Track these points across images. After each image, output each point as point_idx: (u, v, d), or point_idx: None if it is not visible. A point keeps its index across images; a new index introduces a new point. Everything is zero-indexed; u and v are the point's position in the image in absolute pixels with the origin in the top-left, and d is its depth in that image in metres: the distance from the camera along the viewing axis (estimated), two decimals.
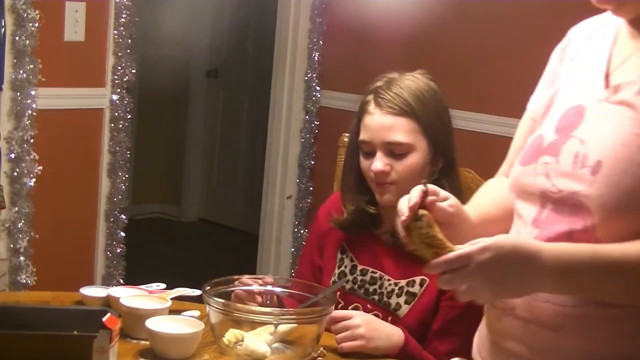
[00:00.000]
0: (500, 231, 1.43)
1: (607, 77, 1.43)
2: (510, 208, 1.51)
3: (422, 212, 1.37)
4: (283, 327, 1.68)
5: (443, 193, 1.47)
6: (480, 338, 1.59)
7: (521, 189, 1.48)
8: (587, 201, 1.34)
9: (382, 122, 1.89)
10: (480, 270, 1.28)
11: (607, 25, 1.51)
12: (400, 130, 1.87)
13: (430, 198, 1.43)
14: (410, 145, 1.88)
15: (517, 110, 1.73)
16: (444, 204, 1.46)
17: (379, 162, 1.88)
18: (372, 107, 1.91)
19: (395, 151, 1.88)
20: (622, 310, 1.34)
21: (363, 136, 1.92)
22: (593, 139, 1.38)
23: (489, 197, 1.64)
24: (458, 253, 1.30)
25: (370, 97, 1.93)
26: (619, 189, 1.32)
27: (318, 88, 4.03)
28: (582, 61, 1.50)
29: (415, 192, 1.41)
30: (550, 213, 1.41)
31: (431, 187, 1.44)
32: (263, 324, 1.65)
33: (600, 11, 1.54)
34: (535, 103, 1.62)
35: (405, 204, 1.40)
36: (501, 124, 3.19)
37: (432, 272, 1.33)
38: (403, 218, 1.38)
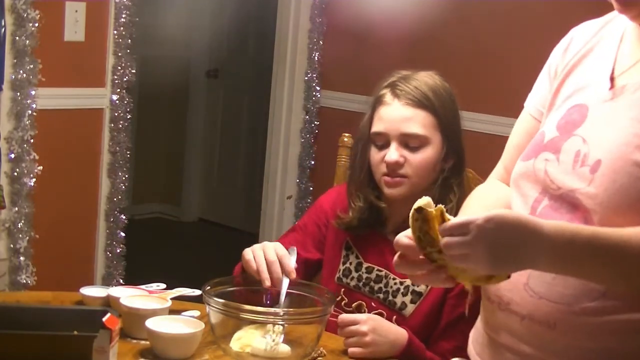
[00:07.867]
0: None
1: (612, 79, 1.43)
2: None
3: (424, 204, 1.33)
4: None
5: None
6: (475, 334, 1.60)
7: (520, 183, 1.49)
8: (585, 199, 1.35)
9: (400, 113, 1.88)
10: (481, 239, 1.26)
11: (611, 27, 1.51)
12: (418, 122, 1.87)
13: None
14: (427, 138, 1.87)
15: (517, 110, 1.73)
16: None
17: (394, 153, 1.87)
18: (389, 98, 1.90)
19: (411, 144, 1.87)
20: (614, 304, 1.34)
21: (378, 128, 1.90)
22: (595, 138, 1.39)
23: (479, 204, 1.62)
24: (461, 220, 1.28)
25: (386, 90, 1.92)
26: (616, 187, 1.33)
27: (318, 88, 4.04)
28: (586, 62, 1.50)
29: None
30: (546, 209, 1.42)
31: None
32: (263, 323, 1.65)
33: (601, 12, 1.54)
34: (535, 101, 1.62)
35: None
36: (501, 124, 3.19)
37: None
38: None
